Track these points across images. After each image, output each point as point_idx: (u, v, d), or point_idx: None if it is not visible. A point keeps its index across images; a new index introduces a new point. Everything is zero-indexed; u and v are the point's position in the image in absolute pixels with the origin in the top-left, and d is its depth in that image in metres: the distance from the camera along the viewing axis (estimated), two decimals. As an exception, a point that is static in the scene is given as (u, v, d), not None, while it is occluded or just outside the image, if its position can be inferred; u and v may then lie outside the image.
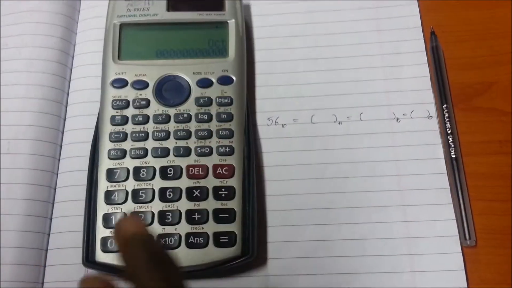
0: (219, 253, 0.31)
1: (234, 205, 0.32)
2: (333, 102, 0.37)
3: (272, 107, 0.38)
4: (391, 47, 0.39)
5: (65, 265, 0.34)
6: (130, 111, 0.35)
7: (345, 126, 0.37)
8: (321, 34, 0.40)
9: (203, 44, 0.37)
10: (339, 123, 0.37)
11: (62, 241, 0.34)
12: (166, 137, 0.34)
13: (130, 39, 0.37)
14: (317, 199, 0.34)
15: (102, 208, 0.32)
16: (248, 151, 0.34)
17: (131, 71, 0.36)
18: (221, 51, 0.37)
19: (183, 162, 0.33)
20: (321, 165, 0.35)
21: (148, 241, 0.22)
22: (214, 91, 0.35)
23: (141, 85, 0.35)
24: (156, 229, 0.32)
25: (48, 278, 0.34)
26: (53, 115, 0.38)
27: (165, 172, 0.33)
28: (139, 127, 0.34)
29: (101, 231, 0.32)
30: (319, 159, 0.36)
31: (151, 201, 0.32)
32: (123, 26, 0.37)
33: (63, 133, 0.38)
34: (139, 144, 0.34)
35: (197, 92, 0.35)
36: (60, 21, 0.40)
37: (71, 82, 0.39)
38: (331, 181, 0.35)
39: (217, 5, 0.38)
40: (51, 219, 0.35)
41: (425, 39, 0.39)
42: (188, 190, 0.33)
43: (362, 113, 0.37)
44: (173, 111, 0.35)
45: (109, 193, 0.33)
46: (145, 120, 0.34)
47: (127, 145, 0.34)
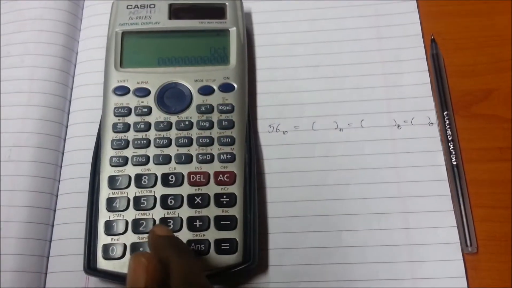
0: (220, 260, 0.31)
1: (235, 212, 0.32)
2: (334, 109, 0.37)
3: (273, 114, 0.38)
4: (391, 54, 0.39)
5: (67, 272, 0.34)
6: (132, 119, 0.35)
7: (346, 133, 0.37)
8: (321, 41, 0.40)
9: (205, 51, 0.37)
10: (340, 130, 0.37)
11: (63, 248, 0.34)
12: (167, 144, 0.34)
13: (132, 47, 0.37)
14: (318, 206, 0.34)
15: (103, 215, 0.32)
16: (249, 158, 0.34)
17: (133, 78, 0.36)
18: (222, 58, 0.37)
19: (185, 169, 0.33)
20: (322, 172, 0.35)
21: (173, 238, 0.28)
22: (215, 99, 0.35)
23: (143, 92, 0.36)
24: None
25: (49, 285, 0.34)
26: (55, 123, 0.38)
27: (166, 179, 0.33)
28: (141, 135, 0.34)
29: (102, 238, 0.32)
30: (320, 166, 0.36)
31: (152, 208, 0.32)
32: (125, 34, 0.37)
33: (65, 140, 0.38)
34: (141, 151, 0.34)
35: (198, 99, 0.35)
36: (62, 29, 0.41)
37: (73, 89, 0.40)
38: (332, 188, 0.35)
39: (219, 13, 0.38)
40: (52, 226, 0.35)
41: (425, 47, 0.39)
42: (189, 197, 0.33)
43: (363, 120, 0.37)
44: (174, 118, 0.35)
45: (110, 200, 0.33)
46: (147, 127, 0.35)
47: (129, 152, 0.34)
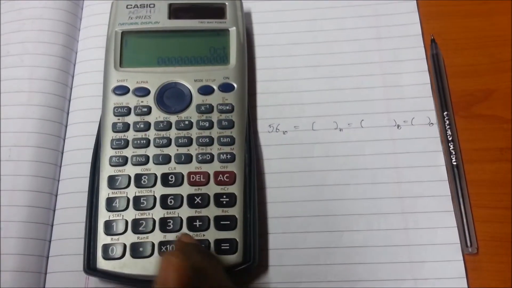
0: (220, 260, 0.31)
1: (235, 212, 0.32)
2: (334, 109, 0.37)
3: (273, 114, 0.38)
4: (391, 54, 0.39)
5: (66, 272, 0.34)
6: (131, 118, 0.35)
7: (346, 133, 0.37)
8: (321, 41, 0.40)
9: (204, 51, 0.37)
10: (340, 130, 0.37)
11: (63, 248, 0.34)
12: (167, 144, 0.34)
13: (131, 47, 0.37)
14: (318, 206, 0.34)
15: (103, 215, 0.32)
16: (249, 158, 0.34)
17: (132, 78, 0.36)
18: (222, 58, 0.37)
19: (184, 169, 0.33)
20: (322, 172, 0.35)
21: (201, 246, 0.31)
22: (215, 98, 0.35)
23: (142, 92, 0.35)
24: (157, 236, 0.32)
25: (49, 285, 0.34)
26: (55, 122, 0.38)
27: (166, 179, 0.33)
28: (141, 134, 0.34)
29: (102, 238, 0.32)
30: (320, 166, 0.36)
31: (152, 208, 0.32)
32: (124, 33, 0.37)
33: (64, 140, 0.38)
34: (141, 151, 0.34)
35: (198, 99, 0.35)
36: (62, 29, 0.41)
37: (73, 89, 0.40)
38: (332, 188, 0.35)
39: (218, 13, 0.38)
40: (52, 226, 0.35)
41: (425, 47, 0.39)
42: (189, 197, 0.33)
43: (363, 120, 0.37)
44: (174, 118, 0.35)
45: (110, 200, 0.33)
46: (147, 127, 0.34)
47: (129, 152, 0.34)
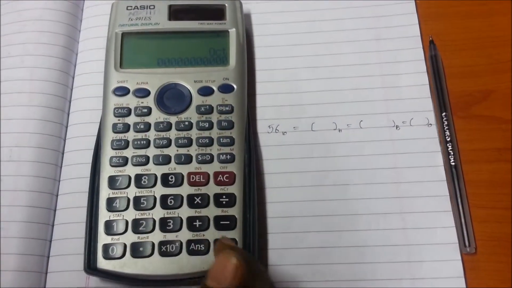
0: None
1: (235, 212, 0.33)
2: (333, 110, 0.38)
3: (272, 115, 0.38)
4: (390, 55, 0.39)
5: (67, 271, 0.34)
6: (131, 119, 0.35)
7: (345, 133, 0.37)
8: (321, 42, 0.40)
9: (204, 52, 0.37)
10: (339, 131, 0.37)
11: (63, 248, 0.34)
12: (167, 144, 0.34)
13: (131, 48, 0.37)
14: (317, 206, 0.35)
15: (103, 215, 0.33)
16: (248, 158, 0.34)
17: (132, 79, 0.36)
18: (222, 59, 0.37)
19: (184, 169, 0.34)
20: (321, 172, 0.36)
21: (236, 248, 0.29)
22: (215, 99, 0.35)
23: (142, 93, 0.36)
24: (157, 236, 0.32)
25: (49, 284, 0.34)
26: (55, 123, 0.38)
27: (166, 179, 0.33)
28: (141, 135, 0.34)
29: (102, 238, 0.32)
30: (319, 166, 0.36)
31: (152, 208, 0.33)
32: (125, 35, 0.37)
33: (65, 141, 0.38)
34: (141, 151, 0.34)
35: (198, 100, 0.35)
36: (62, 30, 0.41)
37: (73, 90, 0.40)
38: (331, 188, 0.35)
39: (218, 14, 0.38)
40: (53, 226, 0.35)
41: (424, 48, 0.39)
42: (189, 197, 0.33)
43: (362, 121, 0.37)
44: (174, 119, 0.35)
45: (110, 200, 0.33)
46: (147, 127, 0.35)
47: (129, 152, 0.34)
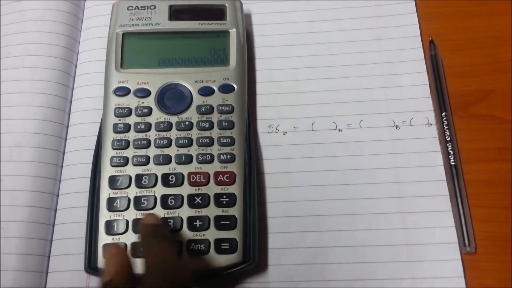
0: (220, 259, 0.32)
1: (235, 212, 0.33)
2: (333, 110, 0.38)
3: (272, 114, 0.38)
4: (390, 55, 0.39)
5: (67, 271, 0.34)
6: (132, 119, 0.35)
7: (345, 133, 0.37)
8: (321, 43, 0.40)
9: (205, 53, 0.37)
10: (339, 131, 0.37)
11: (64, 248, 0.35)
12: (168, 144, 0.34)
13: (132, 48, 0.37)
14: (317, 206, 0.35)
15: (104, 215, 0.33)
16: (249, 158, 0.34)
17: (133, 79, 0.36)
18: (222, 59, 0.37)
19: (185, 169, 0.34)
20: (321, 172, 0.36)
21: (159, 227, 0.30)
22: (215, 99, 0.36)
23: (143, 93, 0.36)
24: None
25: (50, 284, 0.34)
26: (56, 123, 0.38)
27: (166, 179, 0.33)
28: (141, 135, 0.35)
29: (103, 238, 0.32)
30: (319, 166, 0.36)
31: (153, 208, 0.33)
32: (125, 35, 0.38)
33: (66, 141, 0.38)
34: (141, 151, 0.34)
35: (198, 100, 0.36)
36: (63, 30, 0.41)
37: (74, 90, 0.40)
38: (331, 188, 0.35)
39: (219, 14, 0.38)
40: (53, 226, 0.36)
41: (424, 48, 0.39)
42: (189, 197, 0.33)
43: (362, 120, 0.37)
44: (175, 119, 0.35)
45: (111, 200, 0.33)
46: (147, 128, 0.35)
47: (129, 152, 0.34)
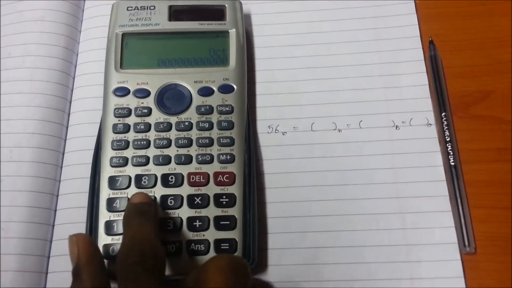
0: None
1: (235, 212, 0.33)
2: (332, 110, 0.38)
3: (272, 115, 0.38)
4: (390, 56, 0.39)
5: (67, 272, 0.33)
6: (132, 119, 0.35)
7: (344, 134, 0.37)
8: (320, 43, 0.40)
9: (204, 53, 0.37)
10: (339, 131, 0.37)
11: (64, 248, 0.34)
12: (167, 145, 0.34)
13: (132, 48, 0.37)
14: (317, 206, 0.35)
15: (104, 215, 0.33)
16: (248, 158, 0.34)
17: (133, 79, 0.36)
18: (222, 60, 0.37)
19: (184, 169, 0.34)
20: (321, 172, 0.36)
21: (142, 205, 0.31)
22: (215, 100, 0.36)
23: (143, 93, 0.36)
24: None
25: (50, 285, 0.34)
26: (56, 123, 0.38)
27: (166, 179, 0.33)
28: (141, 135, 0.35)
29: (103, 238, 0.32)
30: (319, 166, 0.36)
31: (152, 208, 0.33)
32: (125, 35, 0.38)
33: (65, 141, 0.38)
34: (141, 152, 0.34)
35: (198, 100, 0.36)
36: (63, 31, 0.41)
37: (73, 90, 0.40)
38: (331, 188, 0.35)
39: (218, 15, 0.38)
40: (53, 226, 0.36)
41: (423, 48, 0.39)
42: (189, 197, 0.33)
43: (361, 121, 0.37)
44: (174, 119, 0.35)
45: (111, 201, 0.33)
46: (147, 128, 0.35)
47: (129, 153, 0.34)
